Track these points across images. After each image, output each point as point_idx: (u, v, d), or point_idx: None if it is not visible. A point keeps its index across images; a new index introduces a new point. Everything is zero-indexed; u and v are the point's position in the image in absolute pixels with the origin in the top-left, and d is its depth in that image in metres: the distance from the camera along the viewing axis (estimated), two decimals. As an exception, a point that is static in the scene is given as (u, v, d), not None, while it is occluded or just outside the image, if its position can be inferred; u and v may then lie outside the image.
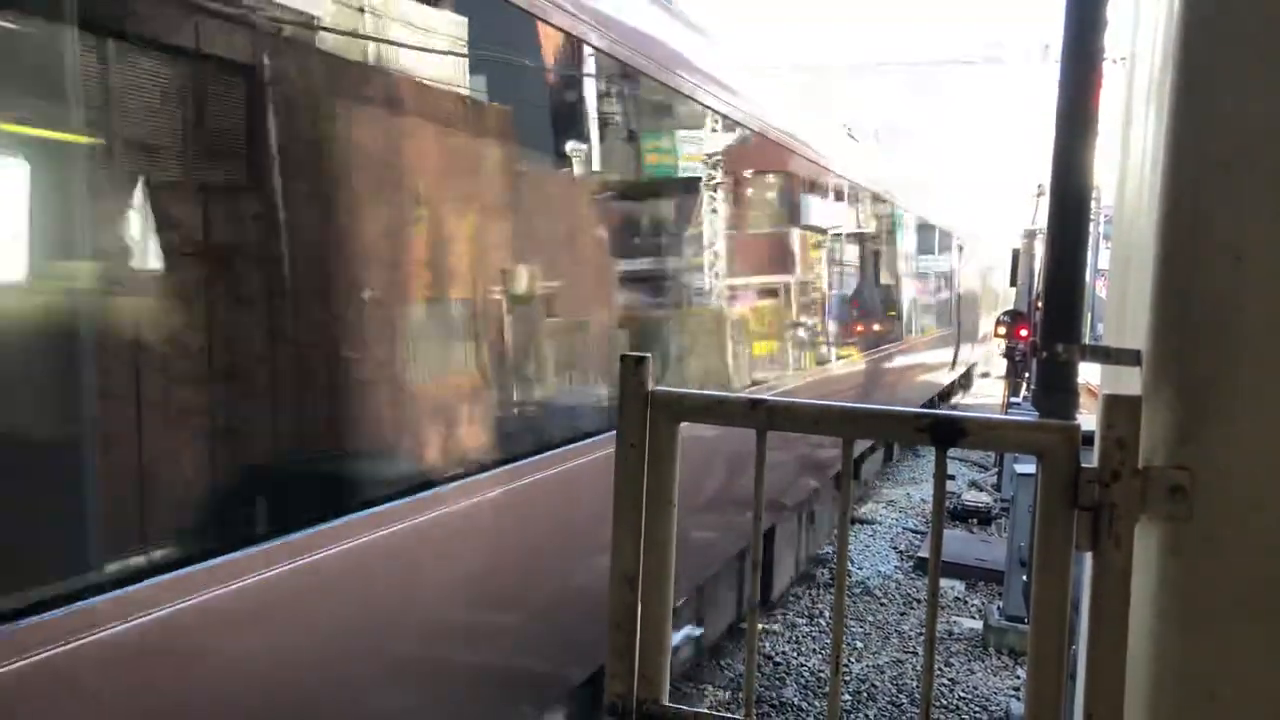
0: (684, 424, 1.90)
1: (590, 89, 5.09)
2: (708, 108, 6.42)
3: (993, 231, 25.39)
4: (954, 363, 19.10)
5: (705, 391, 2.02)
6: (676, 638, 5.71)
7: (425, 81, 3.84)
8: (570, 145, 4.98)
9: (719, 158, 6.55)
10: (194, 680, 2.68)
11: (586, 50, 4.90)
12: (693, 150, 6.35)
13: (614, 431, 1.88)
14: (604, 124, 5.24)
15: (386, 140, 3.59)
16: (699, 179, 6.42)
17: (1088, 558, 1.67)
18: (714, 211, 6.47)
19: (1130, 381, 1.74)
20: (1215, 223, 1.49)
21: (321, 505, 3.14)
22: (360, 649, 3.32)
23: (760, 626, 8.07)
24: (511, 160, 4.42)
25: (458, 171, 4.08)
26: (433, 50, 3.88)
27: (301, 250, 3.21)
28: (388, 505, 3.37)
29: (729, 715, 1.91)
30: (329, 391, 3.35)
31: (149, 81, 2.70)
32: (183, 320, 2.82)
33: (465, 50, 4.05)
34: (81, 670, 2.32)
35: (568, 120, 5.00)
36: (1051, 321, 1.78)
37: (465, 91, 4.14)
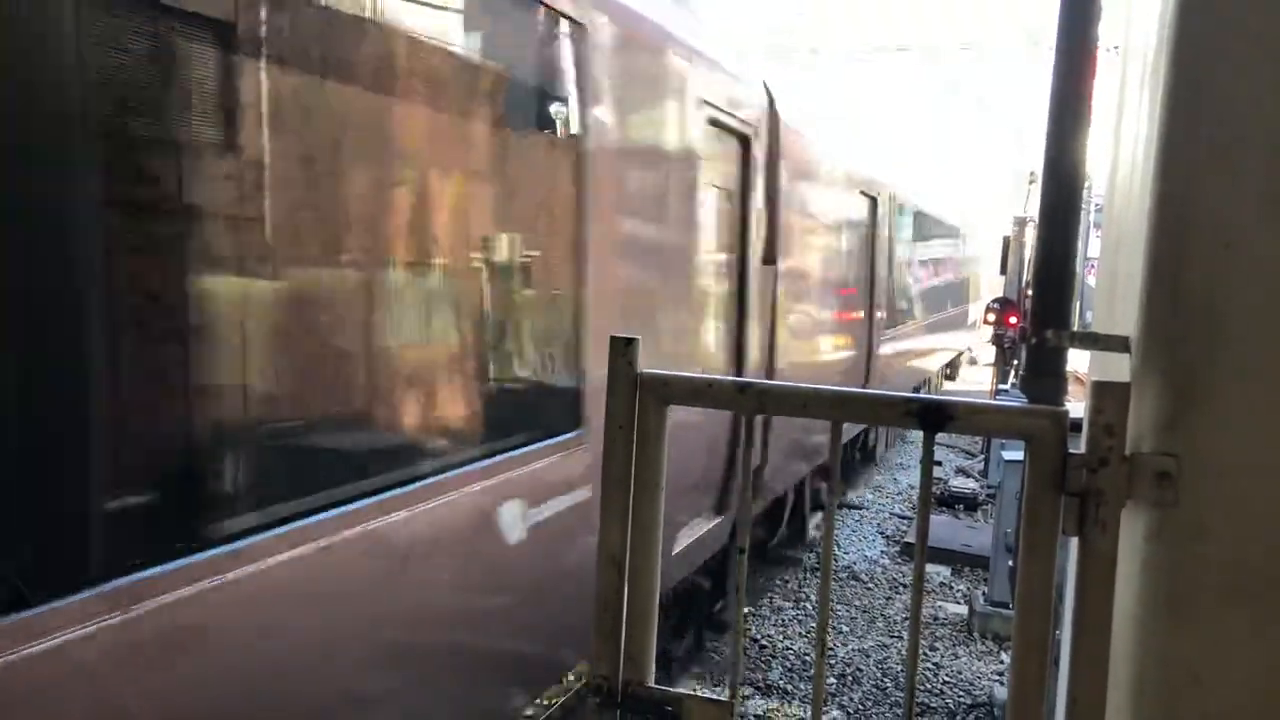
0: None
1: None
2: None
3: (983, 219, 25.42)
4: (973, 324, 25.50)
5: (694, 374, 2.01)
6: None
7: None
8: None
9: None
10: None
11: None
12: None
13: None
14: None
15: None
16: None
17: (1073, 543, 1.68)
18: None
19: (1118, 370, 1.75)
20: (1206, 209, 1.49)
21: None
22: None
23: (746, 610, 8.13)
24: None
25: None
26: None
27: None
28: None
29: (714, 697, 1.92)
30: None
31: None
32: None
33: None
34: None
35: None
36: (1042, 307, 1.78)
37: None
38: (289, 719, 2.83)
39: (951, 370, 24.39)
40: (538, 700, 5.50)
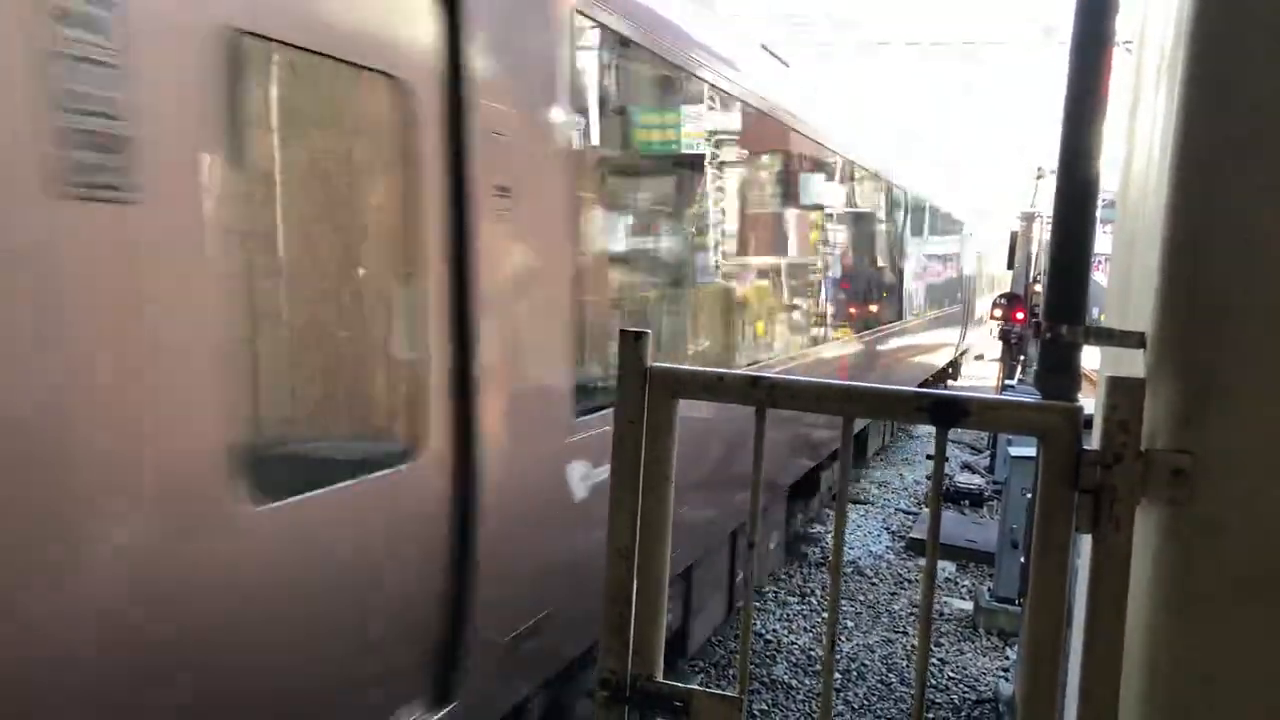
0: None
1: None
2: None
3: (991, 213, 25.33)
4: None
5: (704, 368, 2.01)
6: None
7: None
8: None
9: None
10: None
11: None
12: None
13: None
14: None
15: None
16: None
17: (1083, 540, 1.67)
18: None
19: (1130, 367, 1.73)
20: (1224, 204, 1.48)
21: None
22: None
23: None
24: None
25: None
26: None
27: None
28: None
29: (722, 692, 1.91)
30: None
31: None
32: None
33: None
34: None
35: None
36: (1056, 303, 1.77)
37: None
38: None
39: (954, 371, 21.06)
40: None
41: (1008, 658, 7.77)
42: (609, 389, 4.03)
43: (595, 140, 4.51)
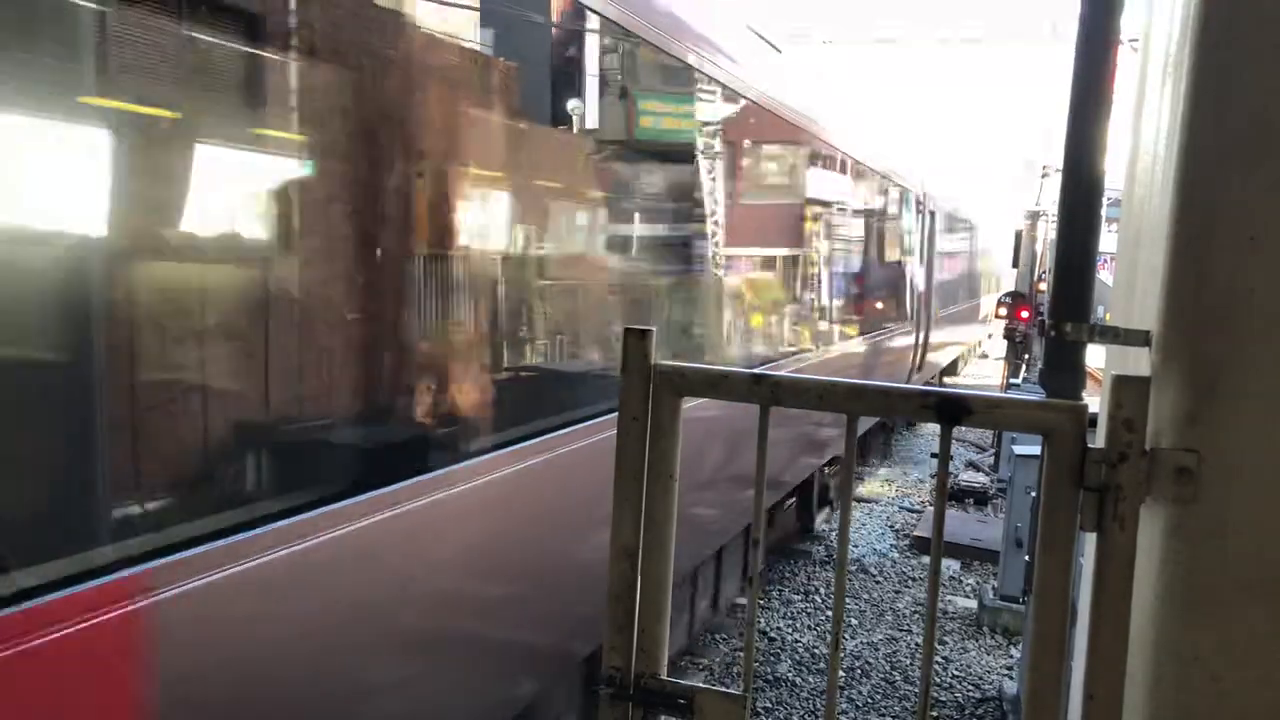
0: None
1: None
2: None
3: (995, 211, 25.25)
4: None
5: (709, 366, 2.01)
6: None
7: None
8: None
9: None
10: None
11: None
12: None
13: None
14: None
15: None
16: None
17: (1088, 538, 1.67)
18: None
19: (1135, 365, 1.73)
20: (1230, 201, 1.48)
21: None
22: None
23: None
24: None
25: None
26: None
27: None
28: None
29: (726, 689, 1.91)
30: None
31: None
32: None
33: None
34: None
35: None
36: (1061, 301, 1.76)
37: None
38: None
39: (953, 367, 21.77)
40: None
41: (1012, 656, 7.76)
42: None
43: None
